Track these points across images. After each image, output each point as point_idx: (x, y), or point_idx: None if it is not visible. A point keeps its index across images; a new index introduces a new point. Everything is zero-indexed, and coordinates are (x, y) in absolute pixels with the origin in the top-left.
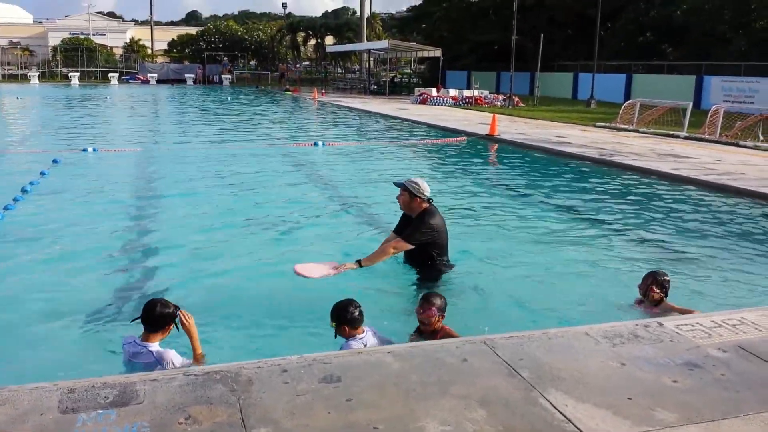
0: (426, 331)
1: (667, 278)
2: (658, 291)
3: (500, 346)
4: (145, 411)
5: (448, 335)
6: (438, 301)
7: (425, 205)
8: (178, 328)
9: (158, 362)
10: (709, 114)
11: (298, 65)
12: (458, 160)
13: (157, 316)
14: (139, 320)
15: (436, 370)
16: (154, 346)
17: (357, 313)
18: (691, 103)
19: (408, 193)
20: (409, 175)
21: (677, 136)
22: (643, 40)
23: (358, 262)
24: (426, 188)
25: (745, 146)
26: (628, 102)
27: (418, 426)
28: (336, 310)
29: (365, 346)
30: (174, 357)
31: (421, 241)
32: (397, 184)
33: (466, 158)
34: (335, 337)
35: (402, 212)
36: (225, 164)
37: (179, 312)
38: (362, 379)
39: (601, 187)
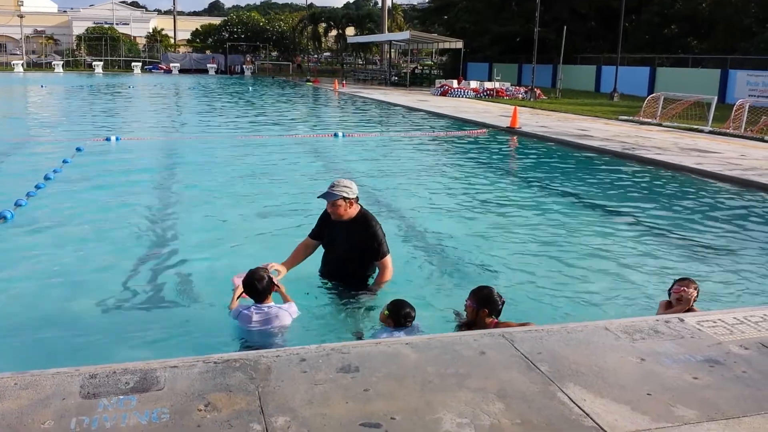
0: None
1: (696, 286)
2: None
3: (519, 339)
4: (164, 397)
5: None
6: (479, 295)
7: (358, 206)
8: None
9: (283, 315)
10: (734, 108)
11: (316, 56)
12: (478, 152)
13: (260, 290)
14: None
15: (454, 363)
16: (274, 306)
17: (408, 319)
18: (716, 98)
19: (343, 201)
20: (431, 168)
21: (701, 131)
22: (668, 33)
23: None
24: (356, 187)
25: None
26: (651, 95)
27: (434, 417)
28: (395, 303)
29: None
30: (289, 306)
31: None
32: (326, 197)
33: (486, 150)
34: (380, 319)
35: (321, 216)
36: (245, 154)
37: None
38: (380, 370)
39: (622, 181)
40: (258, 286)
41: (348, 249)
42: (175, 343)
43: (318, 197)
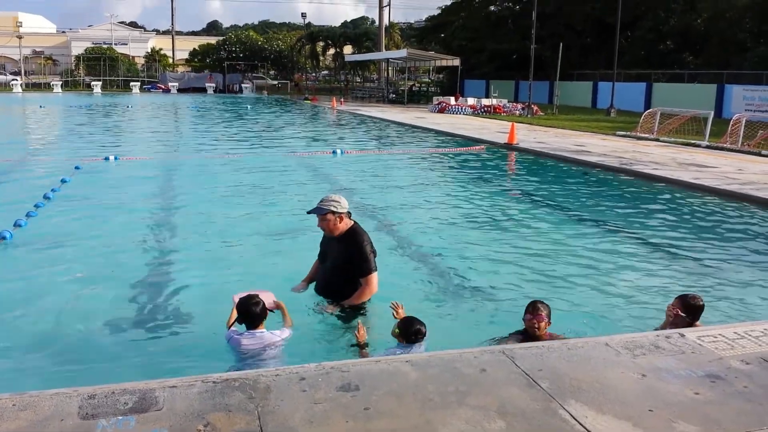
0: (533, 336)
1: (701, 303)
2: (684, 315)
3: (519, 356)
4: (164, 417)
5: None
6: (545, 309)
7: (350, 221)
8: (272, 311)
9: (274, 341)
10: (731, 123)
11: (314, 74)
12: (476, 168)
13: (255, 315)
14: (239, 322)
15: (454, 380)
16: (266, 331)
17: (418, 335)
18: (713, 112)
19: (332, 215)
20: (429, 185)
21: (698, 146)
22: (663, 49)
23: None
24: (346, 202)
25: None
26: (648, 111)
27: None
28: (405, 321)
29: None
30: (282, 332)
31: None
32: (315, 211)
33: (484, 167)
34: (392, 334)
35: (323, 236)
36: (243, 173)
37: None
38: (380, 388)
39: (620, 196)
40: (252, 311)
41: (339, 264)
42: (174, 363)
43: (308, 212)
